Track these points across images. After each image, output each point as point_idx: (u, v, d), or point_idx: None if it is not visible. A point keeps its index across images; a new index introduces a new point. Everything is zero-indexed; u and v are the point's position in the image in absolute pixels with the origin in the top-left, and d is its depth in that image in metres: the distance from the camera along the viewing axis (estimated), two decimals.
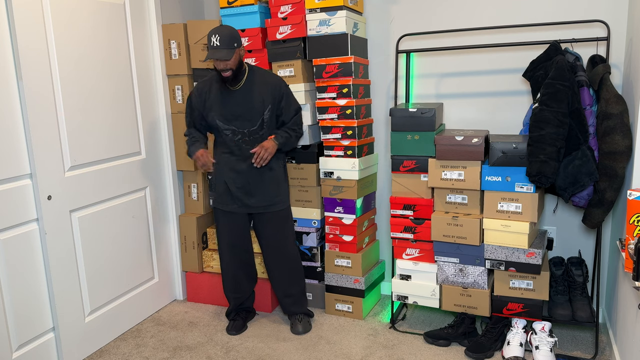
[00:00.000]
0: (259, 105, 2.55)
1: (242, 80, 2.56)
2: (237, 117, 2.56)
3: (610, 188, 2.18)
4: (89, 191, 2.57)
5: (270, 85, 2.58)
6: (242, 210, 2.64)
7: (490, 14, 2.74)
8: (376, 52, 3.01)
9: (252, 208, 2.64)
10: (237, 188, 2.61)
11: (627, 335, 2.13)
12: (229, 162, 2.61)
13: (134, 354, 2.61)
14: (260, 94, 2.56)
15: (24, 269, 2.29)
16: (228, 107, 2.56)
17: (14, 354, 2.27)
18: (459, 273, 2.55)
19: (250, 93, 2.56)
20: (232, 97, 2.56)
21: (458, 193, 2.51)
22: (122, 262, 2.81)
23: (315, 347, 2.61)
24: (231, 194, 2.63)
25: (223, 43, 2.39)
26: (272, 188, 2.64)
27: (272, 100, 2.58)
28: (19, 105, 2.24)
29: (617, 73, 2.56)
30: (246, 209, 2.64)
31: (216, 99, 2.57)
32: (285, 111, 2.63)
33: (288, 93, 2.63)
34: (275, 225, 2.69)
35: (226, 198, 2.65)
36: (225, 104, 2.56)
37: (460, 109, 2.88)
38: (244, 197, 2.62)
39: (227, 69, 2.44)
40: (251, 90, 2.57)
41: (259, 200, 2.63)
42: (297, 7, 2.78)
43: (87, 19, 2.52)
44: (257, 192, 2.62)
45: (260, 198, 2.63)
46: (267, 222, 2.68)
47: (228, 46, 2.40)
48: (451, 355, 2.49)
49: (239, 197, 2.62)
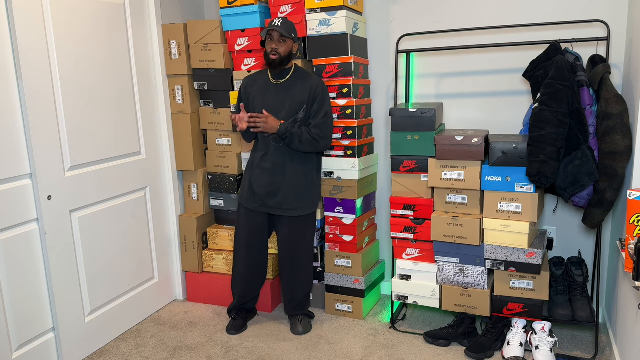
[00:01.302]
0: (295, 103, 2.54)
1: (287, 76, 2.57)
2: (271, 112, 2.56)
3: (610, 188, 2.18)
4: (89, 191, 2.57)
5: (310, 85, 2.55)
6: (263, 210, 2.62)
7: (490, 14, 2.74)
8: (376, 52, 3.01)
9: (272, 209, 2.62)
10: (260, 187, 2.59)
11: (627, 335, 2.13)
12: (258, 159, 2.60)
13: (134, 354, 2.61)
14: (299, 93, 2.55)
15: (24, 269, 2.29)
16: (266, 100, 2.56)
17: (14, 354, 2.27)
18: (459, 273, 2.55)
19: (290, 90, 2.56)
20: (272, 92, 2.57)
21: (458, 193, 2.51)
22: (122, 262, 2.81)
23: (315, 347, 2.61)
24: (254, 192, 2.62)
25: (284, 26, 2.45)
26: (296, 191, 2.59)
27: (307, 100, 2.55)
28: (19, 105, 2.24)
29: (617, 73, 2.56)
30: (267, 209, 2.62)
31: (257, 92, 2.59)
32: (314, 113, 2.55)
33: (323, 97, 2.55)
34: (293, 230, 2.65)
35: (249, 195, 2.64)
36: (264, 98, 2.57)
37: (460, 109, 2.88)
38: (265, 197, 2.60)
39: (276, 51, 2.46)
40: (292, 87, 2.56)
41: (279, 202, 2.60)
42: (297, 7, 2.78)
43: (87, 19, 2.52)
44: (280, 194, 2.59)
45: (281, 200, 2.59)
46: (285, 225, 2.66)
47: (287, 30, 2.46)
48: (451, 355, 2.49)
49: (261, 196, 2.60)
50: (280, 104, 2.55)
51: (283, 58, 2.50)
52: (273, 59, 2.48)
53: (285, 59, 2.51)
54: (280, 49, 2.47)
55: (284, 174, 2.58)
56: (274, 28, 2.43)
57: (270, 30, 2.45)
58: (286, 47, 2.49)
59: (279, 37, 2.46)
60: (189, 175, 3.16)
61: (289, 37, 2.47)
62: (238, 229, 2.72)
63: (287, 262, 2.71)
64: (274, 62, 2.48)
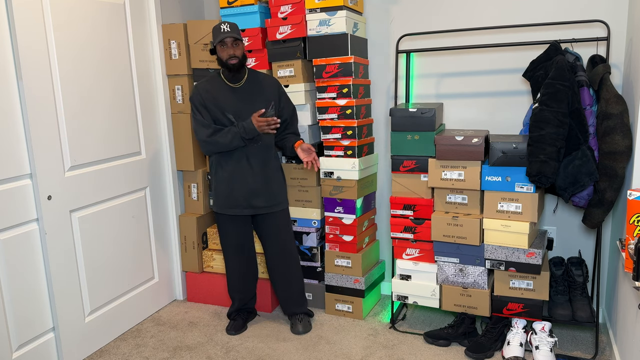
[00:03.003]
0: (263, 102, 2.58)
1: (243, 79, 2.59)
2: (240, 115, 2.56)
3: (610, 188, 2.18)
4: (89, 191, 2.57)
5: (270, 84, 2.63)
6: (247, 212, 2.63)
7: (490, 14, 2.74)
8: (376, 52, 3.01)
9: (257, 209, 2.63)
10: (242, 189, 2.59)
11: (627, 335, 2.13)
12: (236, 162, 2.59)
13: (134, 354, 2.61)
14: (263, 92, 2.59)
15: (24, 269, 2.29)
16: (232, 104, 2.57)
17: (14, 354, 2.27)
18: (459, 273, 2.55)
19: (252, 91, 2.58)
20: (235, 95, 2.57)
21: (458, 193, 2.51)
22: (122, 262, 2.81)
23: (315, 347, 2.61)
24: (234, 196, 2.61)
25: (233, 29, 2.47)
26: (275, 188, 2.65)
27: (273, 98, 2.62)
28: (19, 105, 2.24)
29: (617, 73, 2.56)
30: (251, 210, 2.62)
31: (222, 95, 2.58)
32: (286, 110, 2.68)
33: (284, 91, 2.71)
34: (280, 225, 2.69)
35: (229, 201, 2.62)
36: (230, 101, 2.57)
37: (460, 109, 2.88)
38: (250, 198, 2.60)
39: (234, 55, 2.48)
40: (253, 88, 2.59)
41: (264, 201, 2.62)
42: (297, 7, 2.78)
43: (87, 19, 2.52)
44: (263, 193, 2.61)
45: (265, 198, 2.62)
46: (271, 221, 2.67)
47: (238, 33, 2.48)
48: (451, 355, 2.49)
49: (244, 198, 2.60)
50: (249, 106, 2.57)
51: (242, 60, 2.52)
52: (233, 64, 2.49)
53: (243, 61, 2.53)
54: (237, 53, 2.49)
55: (264, 172, 2.61)
56: (226, 35, 2.44)
57: (223, 37, 2.44)
58: (241, 49, 2.51)
59: (232, 42, 2.47)
60: (189, 175, 3.16)
61: (240, 39, 2.50)
62: (223, 237, 2.72)
63: (280, 257, 2.73)
64: (234, 66, 2.49)
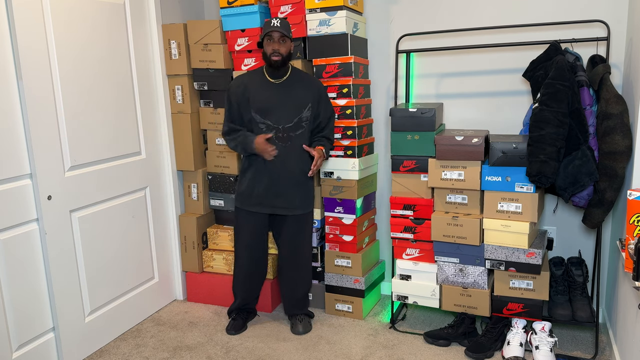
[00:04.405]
0: (299, 102, 2.55)
1: (286, 75, 2.57)
2: (273, 112, 2.54)
3: (610, 188, 2.18)
4: (89, 191, 2.57)
5: (312, 85, 2.59)
6: (266, 210, 2.62)
7: (490, 14, 2.74)
8: (376, 52, 3.01)
9: (277, 209, 2.61)
10: (265, 188, 2.58)
11: (627, 335, 2.13)
12: (261, 160, 2.58)
13: (134, 354, 2.61)
14: (301, 92, 2.56)
15: (24, 269, 2.29)
16: (266, 99, 2.55)
17: (14, 354, 2.27)
18: (459, 273, 2.55)
19: (291, 89, 2.56)
20: (272, 90, 2.56)
21: (458, 193, 2.51)
22: (122, 262, 2.81)
23: (315, 347, 2.61)
24: (257, 193, 2.60)
25: (283, 26, 2.46)
26: (299, 190, 2.61)
27: (312, 99, 2.57)
28: (19, 105, 2.24)
29: (617, 73, 2.56)
30: (270, 209, 2.61)
31: (255, 90, 2.57)
32: (323, 114, 2.62)
33: (326, 96, 2.65)
34: (296, 228, 2.66)
35: (250, 197, 2.62)
36: (263, 96, 2.55)
37: (460, 109, 2.88)
38: (270, 197, 2.59)
39: (278, 52, 2.46)
40: (292, 86, 2.56)
41: (284, 202, 2.60)
42: (297, 7, 2.78)
43: (87, 19, 2.52)
44: (285, 193, 2.59)
45: (286, 199, 2.60)
46: (288, 224, 2.66)
47: (287, 30, 2.47)
48: (451, 355, 2.49)
49: (265, 196, 2.59)
50: (283, 103, 2.55)
51: (285, 58, 2.50)
52: (276, 60, 2.47)
53: (286, 59, 2.51)
54: (281, 50, 2.47)
55: (289, 173, 2.57)
56: (274, 29, 2.43)
57: (270, 31, 2.45)
58: (286, 47, 2.50)
59: (280, 38, 2.46)
60: (189, 175, 3.16)
61: (288, 37, 2.48)
62: (239, 232, 2.71)
63: (290, 261, 2.72)
64: (276, 63, 2.48)
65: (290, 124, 2.55)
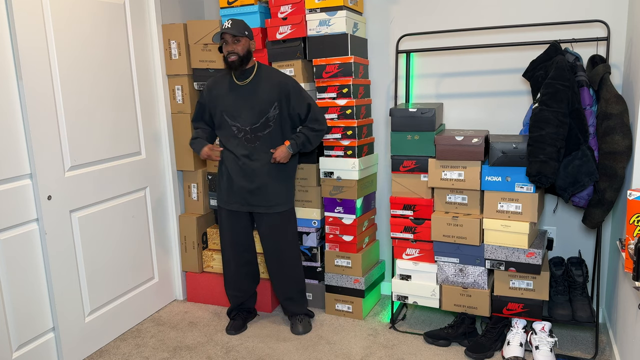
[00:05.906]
0: (263, 102, 2.54)
1: (250, 76, 2.57)
2: (240, 114, 2.55)
3: (610, 188, 2.18)
4: (89, 191, 2.57)
5: (277, 82, 2.56)
6: (244, 209, 2.64)
7: (490, 14, 2.74)
8: (376, 52, 3.01)
9: (254, 207, 2.63)
10: (240, 186, 2.60)
11: (627, 335, 2.13)
12: (234, 160, 2.60)
13: (134, 354, 2.61)
14: (266, 91, 2.55)
15: (24, 269, 2.29)
16: (233, 102, 2.56)
17: (14, 354, 2.27)
18: (459, 273, 2.55)
19: (256, 89, 2.55)
20: (238, 93, 2.56)
21: (458, 193, 2.51)
22: (122, 262, 2.81)
23: (315, 347, 2.61)
24: (234, 192, 2.63)
25: (234, 26, 2.45)
26: (275, 188, 2.62)
27: (278, 97, 2.55)
28: (19, 105, 2.24)
29: (617, 73, 2.56)
30: (248, 207, 2.63)
31: (223, 94, 2.58)
32: (297, 107, 2.59)
33: (296, 88, 2.58)
34: (276, 227, 2.67)
35: (229, 196, 2.64)
36: (230, 100, 2.56)
37: (460, 109, 2.88)
38: (247, 196, 2.61)
39: (234, 52, 2.45)
40: (257, 86, 2.56)
41: (261, 200, 2.61)
42: (297, 7, 2.78)
43: (87, 19, 2.52)
44: (260, 192, 2.61)
45: (262, 197, 2.61)
46: (267, 222, 2.67)
47: (238, 30, 2.45)
48: (451, 355, 2.49)
49: (241, 195, 2.61)
50: (248, 105, 2.55)
51: (242, 57, 2.49)
52: (232, 61, 2.47)
53: (244, 58, 2.50)
54: (237, 49, 2.47)
55: (266, 172, 2.59)
56: (224, 31, 2.43)
57: (222, 34, 2.45)
58: (242, 46, 2.48)
59: (232, 39, 2.46)
60: (188, 175, 3.16)
61: (241, 35, 2.46)
62: (221, 231, 2.73)
63: (274, 260, 2.73)
64: (233, 63, 2.48)
65: (256, 124, 2.55)
